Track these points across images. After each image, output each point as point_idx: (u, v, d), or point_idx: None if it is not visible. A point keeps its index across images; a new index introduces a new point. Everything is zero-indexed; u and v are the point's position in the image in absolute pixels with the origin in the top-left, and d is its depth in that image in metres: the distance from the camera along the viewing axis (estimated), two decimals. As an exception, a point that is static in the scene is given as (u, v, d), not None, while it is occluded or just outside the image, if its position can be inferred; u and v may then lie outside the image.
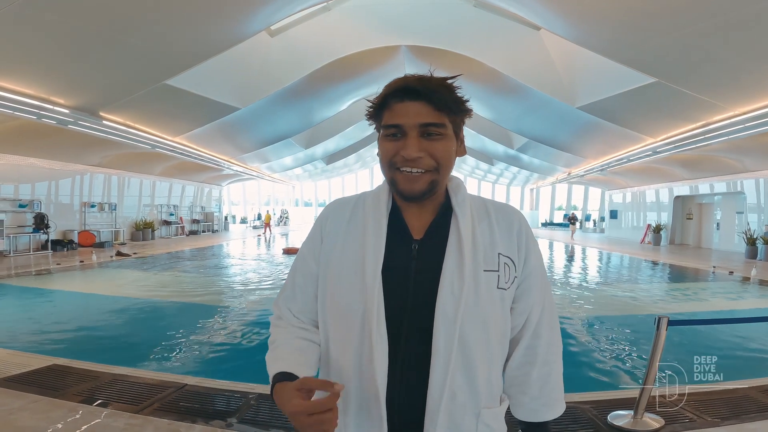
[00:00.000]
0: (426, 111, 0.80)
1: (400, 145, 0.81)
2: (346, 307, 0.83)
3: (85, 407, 2.61)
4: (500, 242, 0.86)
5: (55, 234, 12.73)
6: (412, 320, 0.81)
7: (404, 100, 0.80)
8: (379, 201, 0.89)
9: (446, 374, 0.78)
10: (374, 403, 0.79)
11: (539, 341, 0.89)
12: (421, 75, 0.82)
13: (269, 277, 9.39)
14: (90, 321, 5.55)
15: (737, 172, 13.87)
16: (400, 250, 0.85)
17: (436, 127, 0.80)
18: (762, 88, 7.91)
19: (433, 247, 0.85)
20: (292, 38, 11.14)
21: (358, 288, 0.82)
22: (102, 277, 9.07)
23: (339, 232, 0.89)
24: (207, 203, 23.15)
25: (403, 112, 0.80)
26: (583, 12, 7.13)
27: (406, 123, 0.80)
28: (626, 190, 21.82)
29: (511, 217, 0.90)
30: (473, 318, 0.80)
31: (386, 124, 0.83)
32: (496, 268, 0.84)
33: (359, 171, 37.90)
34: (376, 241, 0.84)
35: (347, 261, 0.85)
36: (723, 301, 7.52)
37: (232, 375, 3.17)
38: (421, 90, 0.79)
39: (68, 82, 8.42)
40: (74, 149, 12.28)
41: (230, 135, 15.01)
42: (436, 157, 0.81)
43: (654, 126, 11.43)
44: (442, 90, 0.80)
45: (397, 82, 0.82)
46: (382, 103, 0.84)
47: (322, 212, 0.96)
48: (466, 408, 0.81)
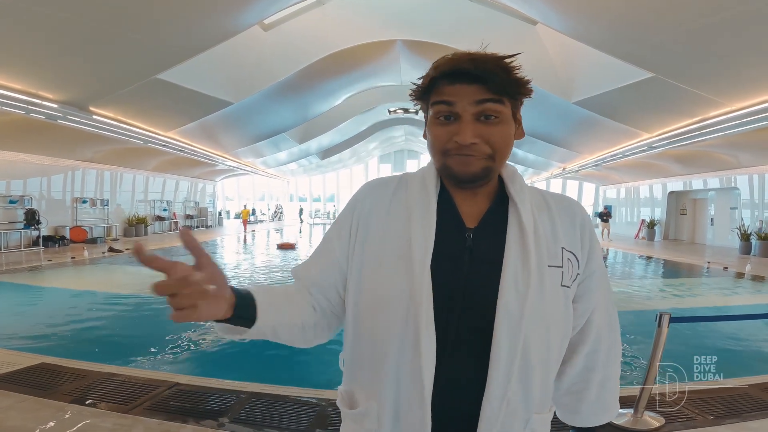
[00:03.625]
0: (481, 93, 0.72)
1: (453, 130, 0.73)
2: (387, 298, 0.74)
3: (73, 407, 2.56)
4: (563, 236, 0.78)
5: (47, 230, 12.57)
6: (464, 317, 0.73)
7: (456, 83, 0.72)
8: (426, 183, 0.80)
9: (508, 380, 0.70)
10: (417, 406, 0.70)
11: (601, 346, 0.83)
12: (473, 54, 0.73)
13: (263, 272, 9.32)
14: (81, 318, 5.47)
15: (731, 168, 13.94)
16: (451, 238, 0.76)
17: (494, 104, 0.72)
18: (761, 83, 7.92)
19: (489, 237, 0.76)
20: (286, 32, 11.02)
21: (403, 277, 0.73)
22: (93, 274, 8.97)
23: (379, 215, 0.80)
24: (201, 199, 22.99)
25: (456, 94, 0.72)
26: (580, 6, 7.09)
27: (460, 106, 0.72)
28: (620, 186, 21.89)
29: (574, 210, 0.82)
30: (537, 318, 0.72)
31: (436, 101, 0.75)
32: (560, 263, 0.76)
33: (354, 166, 37.82)
34: (425, 226, 0.75)
35: (390, 247, 0.76)
36: (718, 297, 7.55)
37: (224, 373, 3.12)
38: (475, 72, 0.71)
39: (57, 76, 8.28)
40: (66, 144, 12.11)
41: (224, 130, 14.88)
42: (492, 143, 0.73)
43: (649, 121, 11.45)
44: (499, 71, 0.72)
45: (447, 64, 0.73)
46: (430, 86, 0.75)
47: (357, 193, 0.86)
48: (516, 414, 0.73)
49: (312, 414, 2.56)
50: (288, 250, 13.44)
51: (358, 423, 0.78)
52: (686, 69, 7.99)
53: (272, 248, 14.74)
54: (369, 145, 30.97)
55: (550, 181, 28.20)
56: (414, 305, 0.71)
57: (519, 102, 0.77)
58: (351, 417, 0.80)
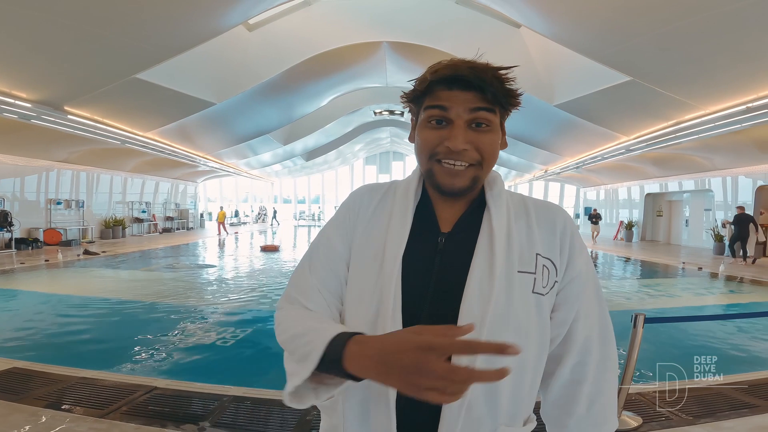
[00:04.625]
0: (476, 101, 0.73)
1: (444, 135, 0.74)
2: (359, 298, 0.77)
3: (46, 411, 2.48)
4: (540, 242, 0.78)
5: (20, 232, 12.17)
6: (430, 318, 0.72)
7: (453, 89, 0.73)
8: (408, 189, 0.83)
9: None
10: (384, 406, 0.71)
11: (589, 358, 0.79)
12: (472, 62, 0.74)
13: (245, 275, 9.20)
14: (54, 322, 5.29)
15: (705, 170, 14.37)
16: (424, 242, 0.78)
17: (487, 112, 0.73)
18: (734, 87, 8.16)
19: (461, 241, 0.78)
20: (271, 33, 10.92)
21: (375, 277, 0.75)
22: (68, 277, 8.70)
23: (365, 218, 0.83)
24: (182, 200, 22.56)
25: (451, 100, 0.73)
26: (563, 10, 7.22)
27: (454, 111, 0.73)
28: (600, 188, 22.35)
29: (555, 216, 0.81)
30: (503, 323, 0.72)
31: (429, 105, 0.75)
32: (532, 270, 0.75)
33: (339, 168, 37.68)
34: (399, 229, 0.78)
35: (368, 248, 0.79)
36: (693, 297, 7.75)
37: (204, 377, 3.04)
38: (473, 81, 0.72)
39: (31, 75, 8.04)
40: (40, 145, 11.74)
41: (206, 131, 14.63)
42: (482, 150, 0.74)
43: (627, 124, 11.72)
44: (495, 81, 0.73)
45: (446, 69, 0.74)
46: (426, 89, 0.76)
47: (352, 197, 0.87)
48: (481, 423, 0.72)
49: (295, 418, 2.53)
50: (272, 252, 13.29)
51: (327, 415, 0.81)
52: (661, 72, 8.19)
53: (256, 250, 14.56)
54: (354, 147, 30.90)
55: (532, 183, 28.61)
56: (383, 305, 0.73)
57: (507, 113, 0.79)
58: (323, 408, 0.82)
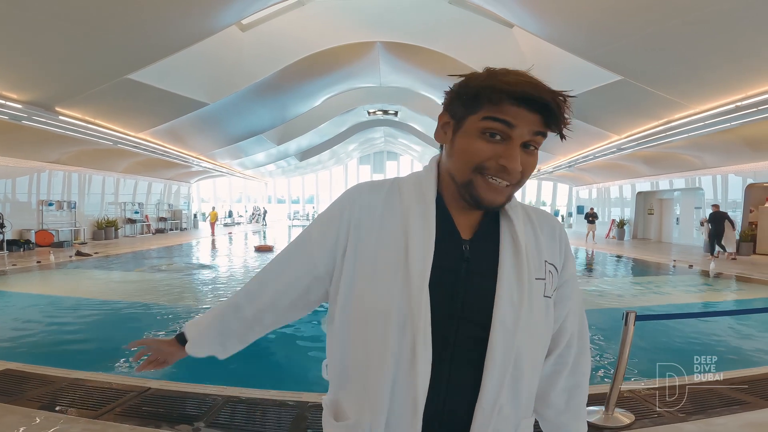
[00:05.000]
0: (538, 124, 0.71)
1: (499, 150, 0.71)
2: (383, 309, 0.73)
3: (40, 413, 2.47)
4: (545, 249, 0.82)
5: (11, 234, 12.04)
6: (461, 328, 0.74)
7: (521, 107, 0.70)
8: (423, 191, 0.79)
9: (500, 388, 0.72)
10: (410, 416, 0.70)
11: (570, 350, 0.86)
12: (537, 81, 0.71)
13: (238, 275, 9.18)
14: (47, 324, 5.25)
15: (696, 169, 14.53)
16: (449, 250, 0.76)
17: (538, 142, 0.73)
18: (723, 86, 8.25)
19: (484, 249, 0.78)
20: (264, 33, 10.89)
21: (401, 288, 0.72)
22: (60, 278, 8.63)
23: (372, 221, 0.78)
24: (175, 201, 22.42)
25: (518, 118, 0.70)
26: (555, 10, 7.27)
27: (521, 128, 0.70)
28: (592, 186, 22.52)
29: (553, 223, 0.86)
30: (528, 329, 0.75)
31: (494, 116, 0.70)
32: (543, 276, 0.79)
33: (333, 167, 37.63)
34: (424, 237, 0.74)
35: (384, 256, 0.75)
36: (685, 295, 7.83)
37: (199, 378, 3.04)
38: (539, 102, 0.69)
39: (22, 75, 7.97)
40: (31, 146, 11.61)
41: (199, 131, 14.56)
42: (525, 171, 0.74)
43: (619, 123, 11.83)
44: (558, 108, 0.71)
45: (519, 86, 0.69)
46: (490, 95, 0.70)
47: (347, 196, 0.82)
48: (508, 420, 0.76)
49: (290, 417, 2.53)
50: (266, 253, 13.26)
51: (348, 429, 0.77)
52: (651, 71, 8.27)
53: (250, 251, 14.52)
54: (348, 147, 30.90)
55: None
56: (412, 317, 0.71)
57: None
58: (337, 429, 0.78)
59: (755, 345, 4.71)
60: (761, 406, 2.69)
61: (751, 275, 8.93)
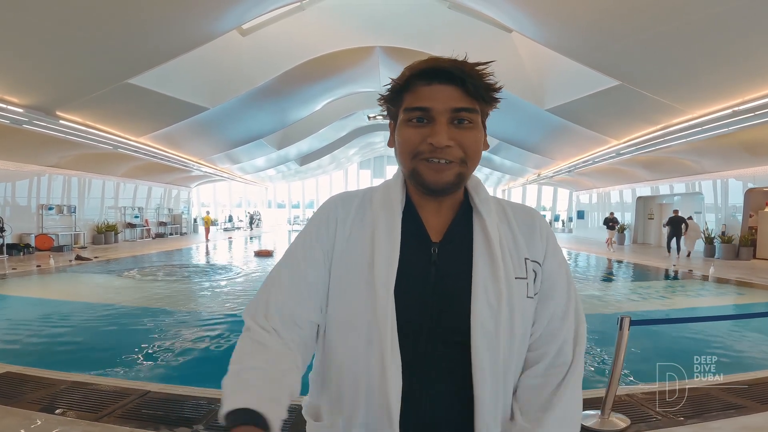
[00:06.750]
0: (458, 96, 0.71)
1: (426, 132, 0.71)
2: (351, 322, 0.73)
3: (40, 415, 2.48)
4: (525, 246, 0.78)
5: (11, 238, 12.03)
6: (437, 333, 0.72)
7: (433, 83, 0.71)
8: (390, 197, 0.78)
9: (497, 394, 0.71)
10: (387, 425, 0.69)
11: (562, 359, 0.75)
12: (444, 57, 0.72)
13: (238, 279, 9.17)
14: (47, 328, 5.25)
15: (695, 174, 14.56)
16: (416, 255, 0.74)
17: (468, 113, 0.71)
18: (718, 91, 8.29)
19: (454, 251, 0.75)
20: (264, 37, 10.95)
21: (366, 301, 0.71)
22: (60, 283, 8.63)
23: (343, 233, 0.77)
24: (175, 205, 22.44)
25: (432, 95, 0.71)
26: (553, 15, 7.31)
27: (436, 107, 0.71)
28: (592, 191, 22.56)
29: (533, 219, 0.81)
30: (511, 331, 0.72)
31: (411, 107, 0.72)
32: (525, 275, 0.75)
33: (333, 172, 37.68)
34: (388, 245, 0.73)
35: (352, 267, 0.74)
36: (684, 299, 7.82)
37: (198, 381, 3.04)
38: (454, 72, 0.70)
39: (22, 80, 8.02)
40: (31, 149, 11.66)
41: (199, 135, 14.60)
42: (465, 147, 0.72)
43: (617, 128, 11.87)
44: (476, 75, 0.71)
45: (426, 63, 0.72)
46: (405, 85, 0.73)
47: (326, 208, 0.81)
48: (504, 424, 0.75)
49: (289, 420, 2.54)
50: (265, 258, 13.26)
51: None
52: (647, 76, 8.30)
53: (249, 255, 14.51)
54: (348, 151, 30.94)
55: (526, 187, 28.81)
56: (378, 328, 0.69)
57: (488, 110, 0.77)
58: (316, 428, 0.80)
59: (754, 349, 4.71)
60: (758, 410, 2.69)
61: (751, 280, 8.90)
